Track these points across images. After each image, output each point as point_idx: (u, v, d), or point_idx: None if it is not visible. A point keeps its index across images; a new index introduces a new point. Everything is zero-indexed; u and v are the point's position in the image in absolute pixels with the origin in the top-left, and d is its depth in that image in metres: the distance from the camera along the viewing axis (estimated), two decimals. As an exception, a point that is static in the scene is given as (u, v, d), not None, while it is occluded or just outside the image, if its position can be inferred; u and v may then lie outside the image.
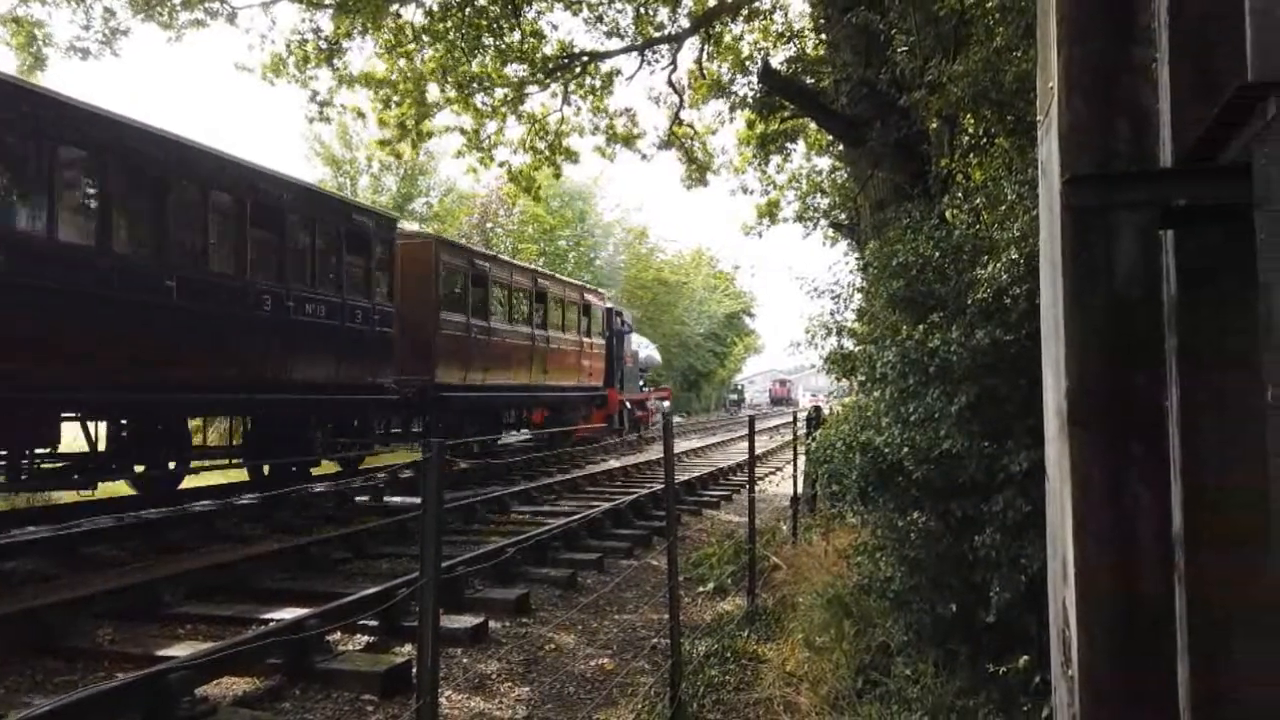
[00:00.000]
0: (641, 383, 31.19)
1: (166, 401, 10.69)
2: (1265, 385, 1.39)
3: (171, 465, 11.67)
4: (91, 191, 9.46)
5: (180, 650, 5.63)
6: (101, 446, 10.36)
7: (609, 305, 27.04)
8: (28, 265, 8.48)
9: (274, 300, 11.77)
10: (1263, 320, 1.38)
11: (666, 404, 36.24)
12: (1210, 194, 1.69)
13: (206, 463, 12.56)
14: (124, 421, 10.63)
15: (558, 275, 24.60)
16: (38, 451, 9.53)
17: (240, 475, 13.71)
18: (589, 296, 24.76)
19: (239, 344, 11.24)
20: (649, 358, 33.51)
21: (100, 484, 10.43)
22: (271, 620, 6.30)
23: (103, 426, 10.35)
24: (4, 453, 9.16)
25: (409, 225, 25.85)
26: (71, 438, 9.89)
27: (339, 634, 6.28)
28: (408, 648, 6.02)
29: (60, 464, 10.03)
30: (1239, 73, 1.48)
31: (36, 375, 8.66)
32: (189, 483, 12.65)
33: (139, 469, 11.26)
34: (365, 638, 6.39)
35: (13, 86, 8.72)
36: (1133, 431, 1.87)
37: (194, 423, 12.48)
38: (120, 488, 11.89)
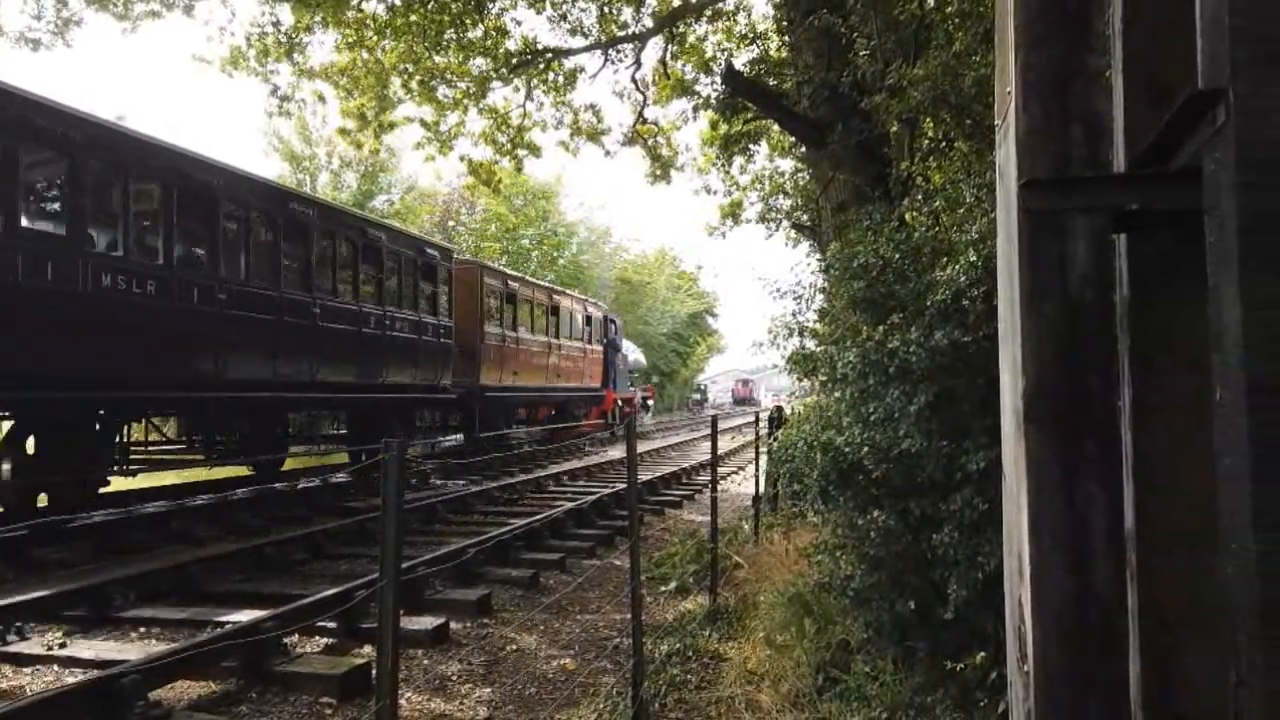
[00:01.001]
0: (630, 383, 34.52)
1: (307, 400, 14.03)
2: (1214, 387, 1.42)
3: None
4: (269, 245, 12.57)
5: (133, 654, 5.52)
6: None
7: (605, 314, 30.28)
8: (238, 303, 11.52)
9: (376, 320, 14.95)
10: (1212, 323, 1.41)
11: (650, 402, 42.02)
12: (1161, 199, 1.72)
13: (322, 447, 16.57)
14: (282, 416, 14.44)
15: (568, 291, 28.19)
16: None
17: (329, 458, 17.07)
18: (590, 308, 28.22)
19: (353, 355, 14.33)
20: (636, 360, 37.44)
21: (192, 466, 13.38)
22: (228, 623, 6.21)
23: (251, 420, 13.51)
24: (200, 437, 13.08)
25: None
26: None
27: (297, 636, 6.20)
28: (367, 649, 5.96)
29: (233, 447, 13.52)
30: (1190, 80, 1.51)
31: (227, 382, 11.45)
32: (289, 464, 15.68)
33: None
34: (324, 640, 6.32)
35: (266, 185, 12.78)
36: (1087, 431, 1.90)
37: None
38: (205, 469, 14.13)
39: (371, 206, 36.17)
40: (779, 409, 14.55)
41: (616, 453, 21.82)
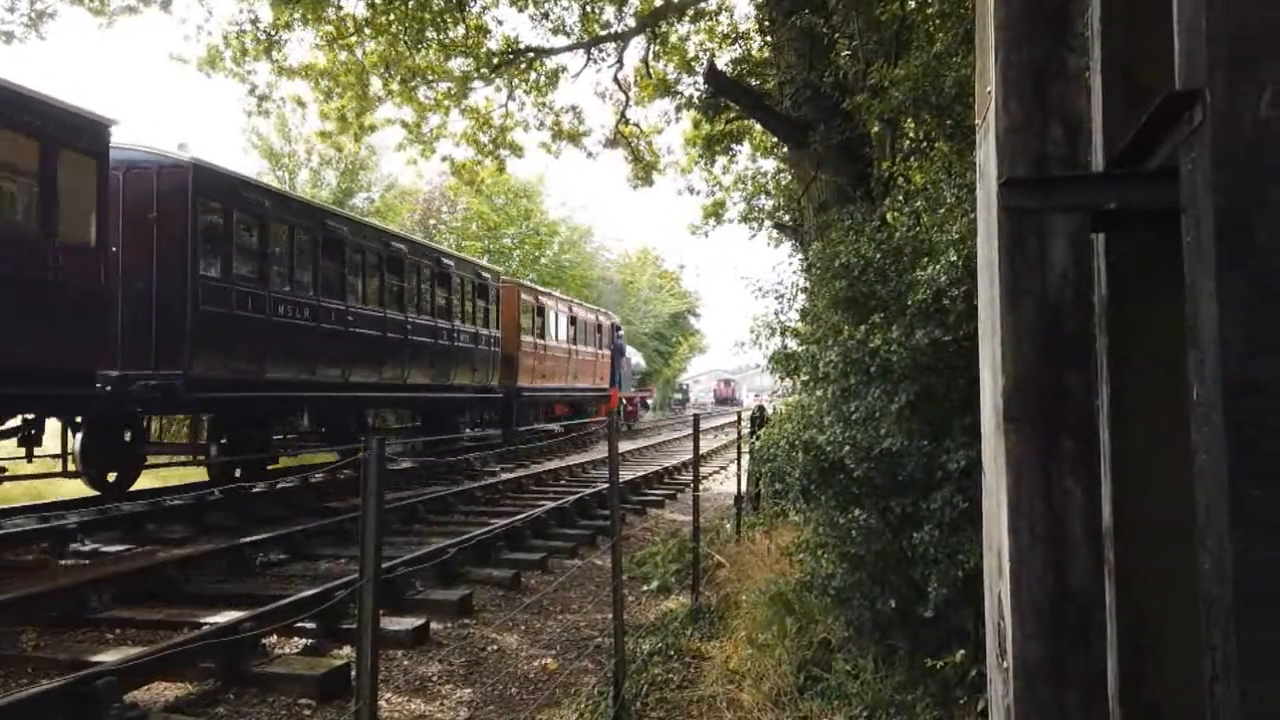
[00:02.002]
0: (631, 384, 38.89)
1: (401, 399, 17.80)
2: (1190, 384, 1.43)
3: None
4: (378, 276, 16.04)
5: (109, 655, 5.47)
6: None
7: (612, 322, 34.33)
8: (360, 324, 15.05)
9: (447, 334, 18.56)
10: (1188, 321, 1.43)
11: (650, 400, 48.29)
12: (1139, 198, 1.73)
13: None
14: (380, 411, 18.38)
15: (585, 303, 32.07)
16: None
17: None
18: (601, 317, 32.31)
19: (432, 362, 17.85)
20: (637, 364, 42.31)
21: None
22: (205, 624, 6.16)
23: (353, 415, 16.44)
24: (324, 428, 15.87)
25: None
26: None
27: (276, 637, 6.16)
28: (347, 650, 5.93)
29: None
30: (1167, 80, 1.53)
31: (350, 384, 15.02)
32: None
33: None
34: (303, 640, 6.28)
35: (376, 229, 17.22)
36: (1065, 429, 1.92)
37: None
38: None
39: (352, 204, 35.92)
40: (761, 408, 14.59)
41: (599, 452, 21.79)
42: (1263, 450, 1.29)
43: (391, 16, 13.53)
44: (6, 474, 9.43)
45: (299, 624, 6.03)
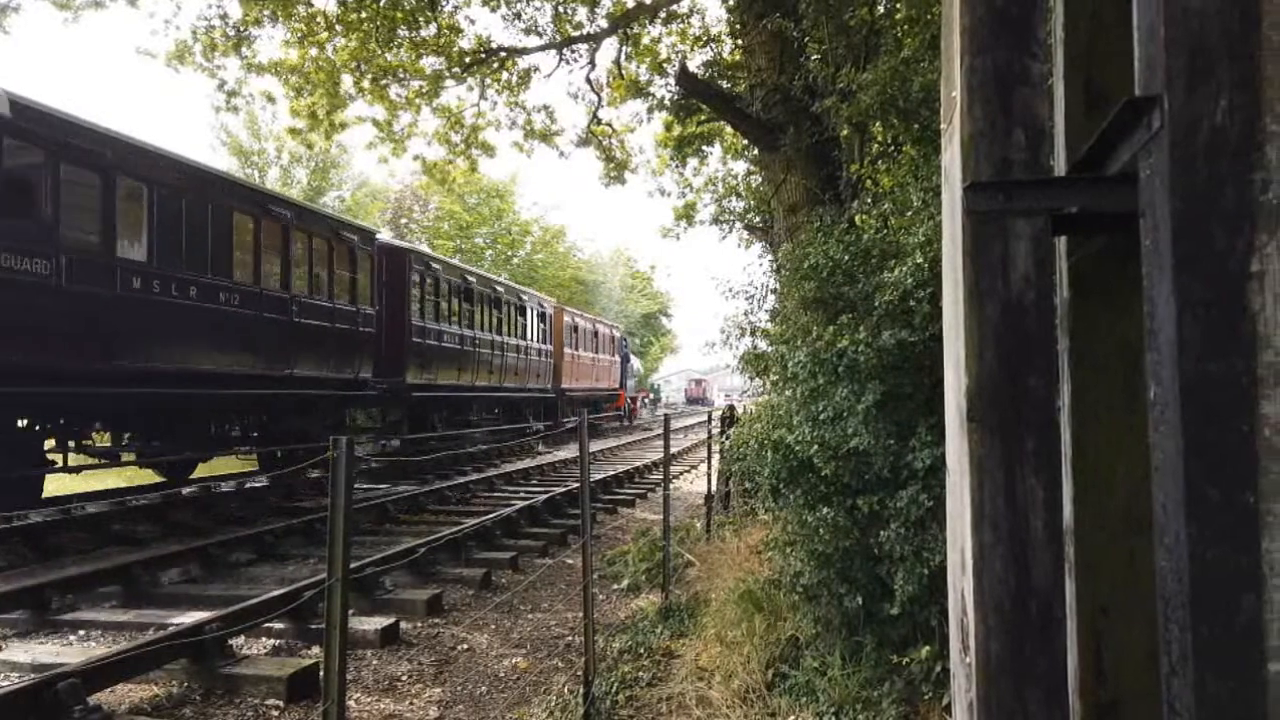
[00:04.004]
0: (634, 385, 45.99)
1: (502, 399, 25.41)
2: (1148, 384, 1.47)
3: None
4: (489, 311, 23.46)
5: (72, 657, 5.39)
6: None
7: (620, 334, 41.76)
8: (482, 347, 22.60)
9: (519, 350, 25.79)
10: (1146, 322, 1.46)
11: (648, 399, 55.84)
12: (1099, 202, 1.77)
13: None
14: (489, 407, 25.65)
15: (604, 319, 39.48)
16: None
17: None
18: (613, 330, 39.82)
19: (515, 371, 25.19)
20: (638, 368, 50.30)
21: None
22: (172, 625, 6.09)
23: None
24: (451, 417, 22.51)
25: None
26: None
27: (244, 638, 6.10)
28: (316, 650, 5.88)
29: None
30: (1127, 87, 1.56)
31: (475, 387, 22.52)
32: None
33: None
34: (272, 641, 6.23)
35: (487, 277, 24.87)
36: (1027, 428, 1.95)
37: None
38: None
39: (323, 203, 35.60)
40: (731, 408, 14.64)
41: (573, 451, 21.77)
42: (1219, 450, 1.33)
43: (363, 15, 13.41)
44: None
45: (268, 624, 5.97)
